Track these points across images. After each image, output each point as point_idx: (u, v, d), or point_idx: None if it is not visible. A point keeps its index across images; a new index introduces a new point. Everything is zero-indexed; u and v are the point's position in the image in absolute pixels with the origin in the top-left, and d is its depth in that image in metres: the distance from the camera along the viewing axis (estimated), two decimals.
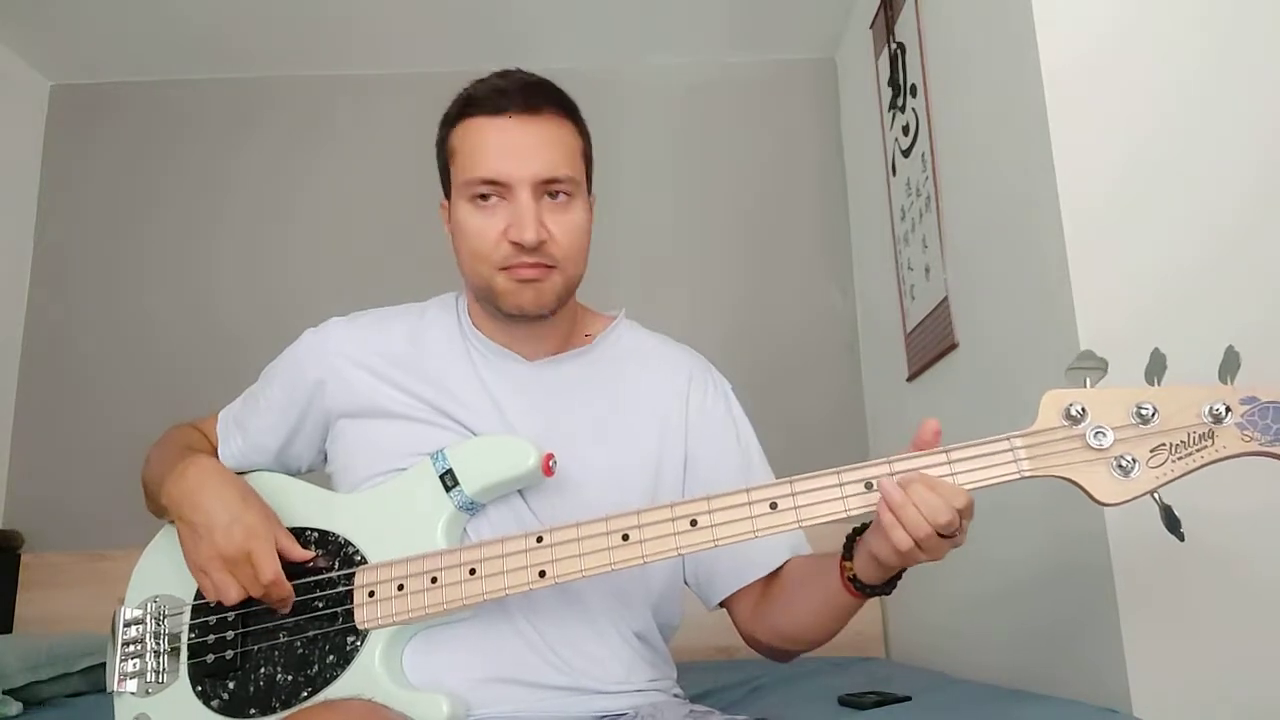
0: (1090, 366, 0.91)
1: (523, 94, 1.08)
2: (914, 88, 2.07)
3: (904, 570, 0.98)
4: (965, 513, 0.90)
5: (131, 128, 2.81)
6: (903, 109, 2.17)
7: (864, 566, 0.98)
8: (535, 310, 1.10)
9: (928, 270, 2.02)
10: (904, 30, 2.13)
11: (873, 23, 2.38)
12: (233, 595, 1.04)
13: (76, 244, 2.74)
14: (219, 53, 2.73)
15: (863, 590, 1.00)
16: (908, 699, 1.42)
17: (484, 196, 1.07)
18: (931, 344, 2.00)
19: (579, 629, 1.08)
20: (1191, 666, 1.25)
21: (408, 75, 2.77)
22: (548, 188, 1.08)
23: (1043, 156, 1.41)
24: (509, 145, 1.07)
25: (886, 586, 1.00)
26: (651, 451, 1.15)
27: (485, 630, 1.04)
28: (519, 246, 1.06)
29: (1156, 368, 0.90)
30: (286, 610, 1.06)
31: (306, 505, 1.13)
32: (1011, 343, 1.60)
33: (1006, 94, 1.57)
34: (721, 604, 1.20)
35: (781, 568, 1.16)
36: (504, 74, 1.12)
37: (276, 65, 2.78)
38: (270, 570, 1.04)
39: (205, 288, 2.71)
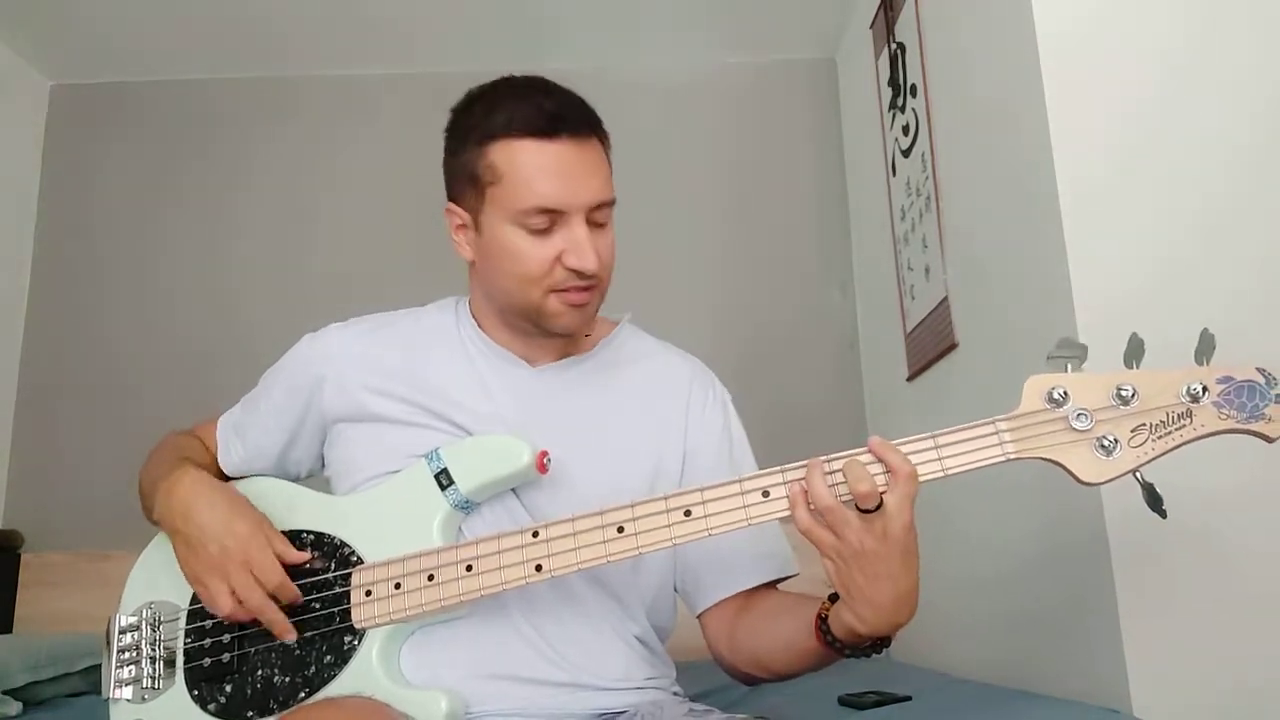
0: (1070, 353, 0.92)
1: (570, 117, 1.08)
2: (914, 88, 2.07)
3: (880, 644, 0.97)
4: (866, 499, 0.88)
5: (132, 127, 2.81)
6: (903, 109, 2.17)
7: (837, 619, 0.96)
8: (580, 330, 1.14)
9: (928, 270, 2.02)
10: (904, 30, 2.13)
11: (873, 23, 2.37)
12: (228, 606, 1.04)
13: (77, 244, 2.74)
14: (219, 52, 2.73)
15: (827, 636, 0.98)
16: (908, 699, 1.42)
17: (539, 225, 1.06)
18: (931, 344, 2.00)
19: (577, 627, 1.07)
20: (1191, 665, 1.25)
21: (408, 76, 2.77)
22: (595, 214, 1.08)
23: (1042, 156, 1.41)
24: (563, 173, 1.06)
25: (866, 650, 0.98)
26: (649, 456, 1.15)
27: (483, 628, 1.04)
28: (575, 273, 1.07)
29: (1135, 352, 0.91)
30: (289, 635, 1.05)
31: (302, 508, 1.13)
32: (1011, 343, 1.60)
33: (1006, 94, 1.56)
34: (700, 616, 1.19)
35: (763, 590, 1.15)
36: (538, 87, 1.10)
37: (277, 65, 2.78)
38: (275, 575, 1.04)
39: (207, 288, 2.71)
